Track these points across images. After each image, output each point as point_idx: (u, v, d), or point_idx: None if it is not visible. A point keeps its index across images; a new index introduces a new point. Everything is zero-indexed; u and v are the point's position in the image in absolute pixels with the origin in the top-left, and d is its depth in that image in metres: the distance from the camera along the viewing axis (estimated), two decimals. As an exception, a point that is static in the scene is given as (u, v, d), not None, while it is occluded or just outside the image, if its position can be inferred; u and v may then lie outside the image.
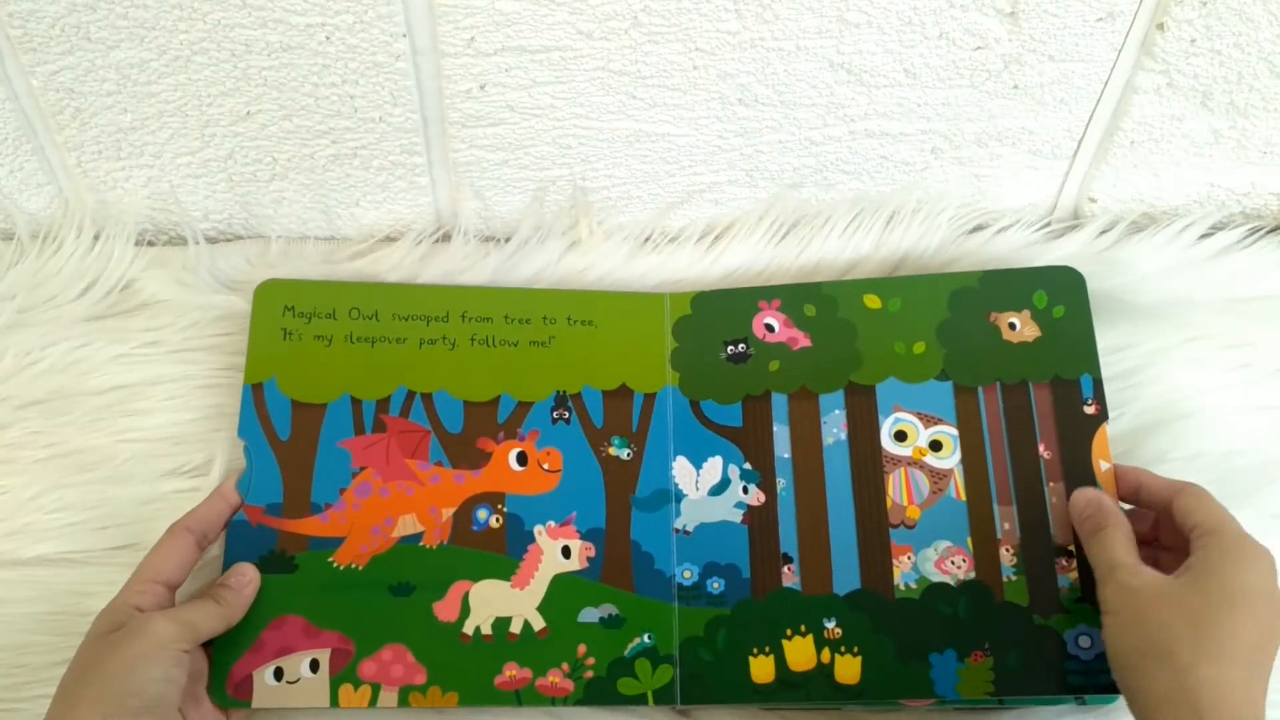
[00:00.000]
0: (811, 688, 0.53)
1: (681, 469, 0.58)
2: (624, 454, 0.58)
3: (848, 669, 0.53)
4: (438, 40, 0.55)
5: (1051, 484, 0.56)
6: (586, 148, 0.62)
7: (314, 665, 0.53)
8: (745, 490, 0.57)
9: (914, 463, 0.57)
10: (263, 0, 0.53)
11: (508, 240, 0.66)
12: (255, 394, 0.58)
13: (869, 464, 0.57)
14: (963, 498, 0.56)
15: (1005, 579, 0.54)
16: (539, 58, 0.56)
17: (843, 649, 0.54)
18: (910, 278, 0.62)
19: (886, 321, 0.59)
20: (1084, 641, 0.53)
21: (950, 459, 0.57)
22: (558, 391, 0.59)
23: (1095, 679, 0.52)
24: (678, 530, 0.56)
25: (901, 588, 0.54)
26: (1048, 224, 0.67)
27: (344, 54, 0.56)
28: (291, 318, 0.59)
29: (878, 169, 0.65)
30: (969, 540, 0.55)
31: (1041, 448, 0.56)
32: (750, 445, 0.58)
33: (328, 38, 0.55)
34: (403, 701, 0.53)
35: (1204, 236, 0.66)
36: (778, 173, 0.64)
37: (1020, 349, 0.58)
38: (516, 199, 0.65)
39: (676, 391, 0.59)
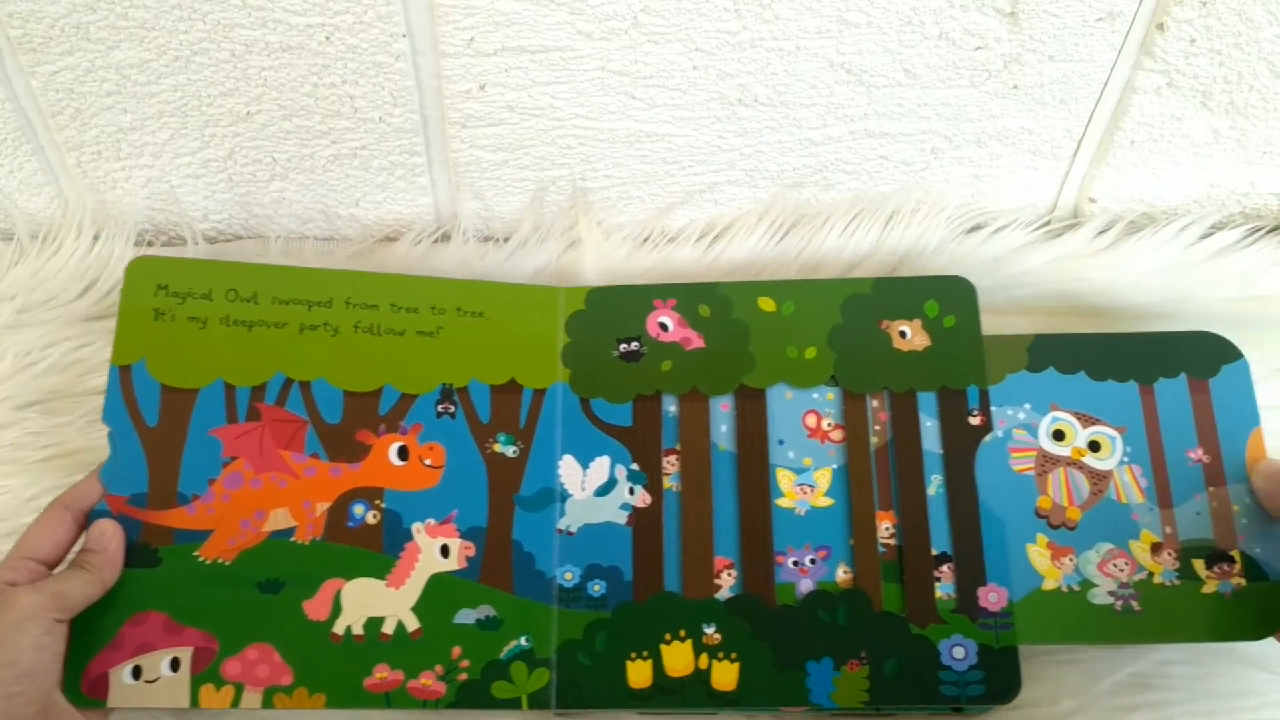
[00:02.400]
0: (688, 694, 0.52)
1: (568, 468, 0.56)
2: (510, 451, 0.56)
3: (725, 675, 0.52)
4: (437, 40, 0.55)
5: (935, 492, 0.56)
6: (586, 148, 0.62)
7: (174, 664, 0.51)
8: (631, 491, 0.56)
9: (1073, 463, 0.56)
10: (263, 0, 0.53)
11: (507, 240, 0.66)
12: (123, 376, 0.55)
13: (757, 468, 0.56)
14: (1123, 499, 0.56)
15: (884, 588, 0.54)
16: (539, 58, 0.56)
17: (721, 655, 0.53)
18: (806, 281, 0.60)
19: (780, 325, 0.58)
20: (958, 652, 0.53)
21: (1109, 460, 0.56)
22: (443, 384, 0.56)
23: (967, 689, 0.52)
24: (561, 531, 0.55)
25: (1064, 590, 0.54)
26: (1047, 224, 0.67)
27: (344, 54, 0.56)
28: (165, 297, 0.56)
29: (878, 169, 0.65)
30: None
31: (926, 456, 0.56)
32: (639, 446, 0.56)
33: (328, 38, 0.55)
34: (267, 703, 0.51)
35: (1204, 236, 0.66)
36: (778, 173, 0.64)
37: (910, 357, 0.57)
38: (516, 199, 0.65)
39: (567, 388, 0.57)
